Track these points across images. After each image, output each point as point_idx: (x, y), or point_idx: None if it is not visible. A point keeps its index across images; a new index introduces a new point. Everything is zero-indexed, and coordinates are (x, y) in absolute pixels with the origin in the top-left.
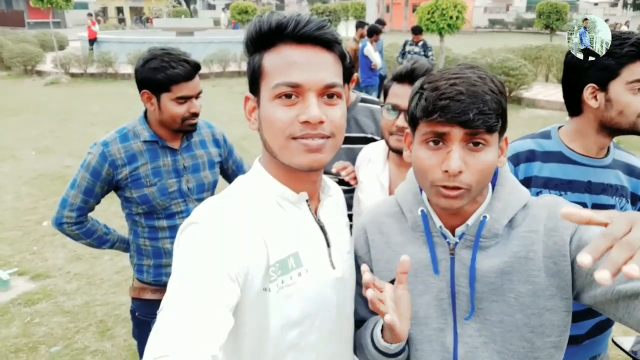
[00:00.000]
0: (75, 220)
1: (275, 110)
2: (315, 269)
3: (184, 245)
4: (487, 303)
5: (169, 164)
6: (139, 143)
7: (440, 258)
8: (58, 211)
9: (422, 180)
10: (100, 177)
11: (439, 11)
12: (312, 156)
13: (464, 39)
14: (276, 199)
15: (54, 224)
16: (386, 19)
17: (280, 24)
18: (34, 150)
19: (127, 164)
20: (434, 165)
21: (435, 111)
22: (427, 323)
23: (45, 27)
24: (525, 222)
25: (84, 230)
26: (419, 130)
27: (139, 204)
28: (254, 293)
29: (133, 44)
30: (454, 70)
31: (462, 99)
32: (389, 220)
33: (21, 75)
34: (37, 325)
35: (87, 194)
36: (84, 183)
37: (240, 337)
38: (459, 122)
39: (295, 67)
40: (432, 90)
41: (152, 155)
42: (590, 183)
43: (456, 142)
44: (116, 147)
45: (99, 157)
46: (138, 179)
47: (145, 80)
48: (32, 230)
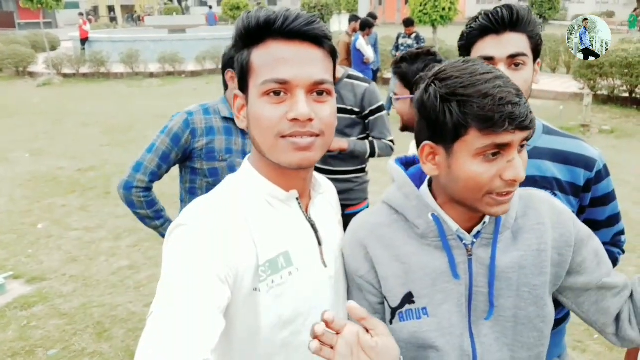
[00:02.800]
0: (146, 185)
1: (264, 107)
2: (306, 268)
3: (173, 247)
4: (502, 300)
5: (240, 144)
6: (218, 119)
7: (458, 261)
8: (130, 175)
9: (475, 192)
10: (179, 144)
11: (431, 3)
12: (300, 155)
13: (456, 30)
14: (266, 198)
15: (122, 187)
16: (379, 11)
17: (268, 19)
18: (28, 153)
19: (206, 135)
20: (493, 177)
21: (502, 119)
22: (453, 332)
23: (36, 27)
24: (529, 214)
25: (149, 200)
26: (468, 142)
27: (206, 177)
28: (244, 294)
29: (125, 43)
30: (478, 69)
31: (517, 101)
32: (390, 231)
33: (13, 77)
34: (34, 329)
35: (163, 159)
36: (163, 147)
37: (231, 337)
38: (522, 127)
39: (283, 63)
40: (484, 97)
41: (227, 132)
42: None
43: (516, 148)
44: (199, 117)
45: (182, 123)
46: (212, 152)
47: (231, 60)
48: (26, 233)
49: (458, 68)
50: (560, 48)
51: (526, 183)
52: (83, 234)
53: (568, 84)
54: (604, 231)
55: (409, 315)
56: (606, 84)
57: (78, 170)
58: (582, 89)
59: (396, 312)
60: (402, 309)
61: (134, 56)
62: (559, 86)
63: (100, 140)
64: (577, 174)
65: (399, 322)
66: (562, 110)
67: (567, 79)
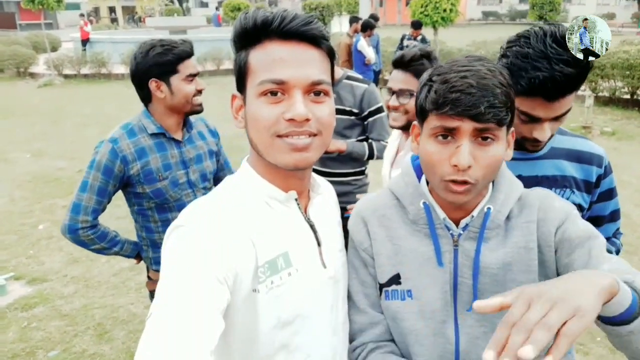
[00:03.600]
0: (91, 223)
1: (261, 107)
2: (306, 269)
3: (171, 249)
4: (489, 294)
5: (177, 156)
6: (146, 137)
7: (444, 250)
8: (71, 218)
9: (431, 173)
10: (112, 175)
11: (432, 4)
12: (297, 155)
13: (457, 31)
14: (264, 199)
15: (66, 232)
16: (380, 13)
17: (265, 20)
18: (28, 153)
19: (138, 159)
20: (443, 159)
21: (445, 104)
22: (433, 317)
23: (37, 28)
24: (523, 213)
25: (99, 234)
26: (428, 123)
27: (151, 198)
28: (243, 295)
29: (126, 44)
30: (462, 63)
31: (472, 92)
32: (390, 213)
33: (14, 77)
34: (35, 330)
35: (100, 195)
36: (97, 183)
37: (230, 338)
38: (469, 115)
39: (280, 63)
40: (442, 83)
41: (160, 148)
42: (521, 177)
43: (466, 136)
44: (125, 143)
45: (109, 154)
46: (150, 174)
47: (152, 67)
48: (27, 234)
49: (453, 61)
50: None
51: (548, 183)
52: None
53: None
54: (607, 226)
55: (394, 295)
56: (607, 86)
57: (79, 171)
58: (583, 90)
59: (382, 289)
60: (389, 288)
61: None
62: None
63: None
64: (590, 172)
65: (384, 300)
66: None
67: None
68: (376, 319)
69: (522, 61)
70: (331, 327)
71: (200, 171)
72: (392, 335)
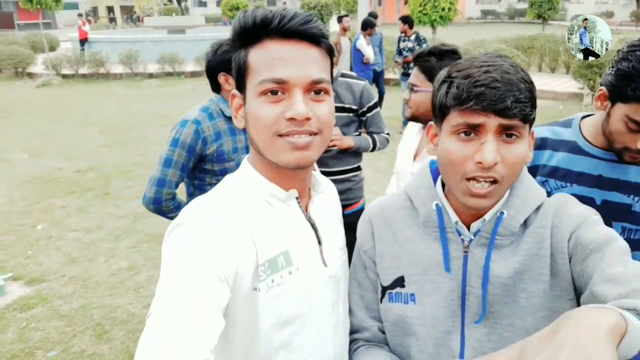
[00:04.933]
0: (173, 195)
1: (261, 107)
2: (306, 267)
3: (172, 247)
4: (499, 306)
5: (243, 141)
6: (222, 121)
7: (453, 255)
8: (157, 191)
9: (451, 173)
10: (194, 153)
11: (431, 3)
12: (298, 154)
13: (456, 30)
14: (265, 197)
15: (150, 203)
16: (378, 11)
17: (265, 19)
18: (26, 153)
19: (215, 140)
20: (466, 157)
21: (470, 99)
22: (435, 325)
23: (35, 28)
24: (537, 219)
25: (177, 204)
26: (449, 121)
27: (216, 176)
28: (244, 293)
29: (124, 43)
30: (483, 58)
31: (497, 86)
32: (398, 214)
33: (12, 77)
34: (33, 330)
35: (183, 170)
36: (181, 160)
37: (231, 337)
38: (495, 110)
39: (280, 62)
40: (465, 78)
41: (232, 133)
42: (602, 177)
43: (491, 132)
44: (207, 125)
45: (193, 134)
46: (222, 154)
47: (220, 63)
48: (26, 234)
49: (472, 57)
50: (560, 48)
51: (629, 189)
52: (82, 235)
53: (567, 83)
54: None
55: (398, 298)
56: None
57: (77, 171)
58: (581, 88)
59: (386, 291)
60: (393, 290)
61: (133, 57)
62: (558, 86)
63: (99, 141)
64: None
65: (387, 302)
66: (562, 110)
67: (566, 79)
68: (366, 324)
69: None
70: (332, 326)
71: None
72: (387, 341)
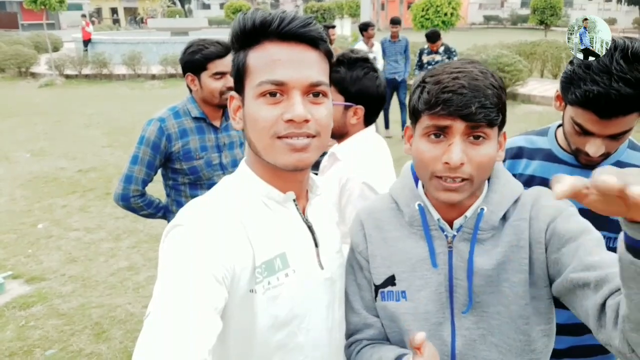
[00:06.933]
0: (141, 192)
1: (260, 108)
2: (303, 270)
3: (169, 248)
4: (484, 296)
5: (213, 140)
6: (189, 120)
7: (438, 251)
8: (124, 188)
9: (422, 172)
10: (159, 150)
11: (433, 8)
12: (296, 156)
13: (458, 35)
14: (262, 199)
15: (119, 200)
16: (381, 16)
17: (264, 21)
18: (29, 153)
19: (180, 138)
20: (435, 158)
21: (437, 104)
22: (427, 318)
23: (39, 28)
24: (517, 212)
25: (147, 201)
26: (420, 123)
27: (187, 175)
28: (240, 295)
29: (127, 45)
30: (455, 65)
31: (464, 92)
32: (386, 215)
33: (15, 77)
34: (32, 329)
35: (149, 167)
36: (146, 157)
37: (227, 338)
38: (461, 115)
39: (279, 64)
40: (435, 84)
41: (199, 132)
42: None
43: (457, 135)
44: (171, 123)
45: (157, 131)
46: (189, 152)
47: (187, 64)
48: (26, 233)
49: (446, 64)
50: (562, 54)
51: None
52: (83, 235)
53: None
54: None
55: (390, 296)
56: None
57: (79, 171)
58: None
59: (378, 290)
60: (385, 289)
61: (136, 58)
62: None
63: (101, 142)
64: None
65: (380, 300)
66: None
67: None
68: (370, 321)
69: (583, 71)
70: (327, 328)
71: (232, 157)
72: (388, 337)
